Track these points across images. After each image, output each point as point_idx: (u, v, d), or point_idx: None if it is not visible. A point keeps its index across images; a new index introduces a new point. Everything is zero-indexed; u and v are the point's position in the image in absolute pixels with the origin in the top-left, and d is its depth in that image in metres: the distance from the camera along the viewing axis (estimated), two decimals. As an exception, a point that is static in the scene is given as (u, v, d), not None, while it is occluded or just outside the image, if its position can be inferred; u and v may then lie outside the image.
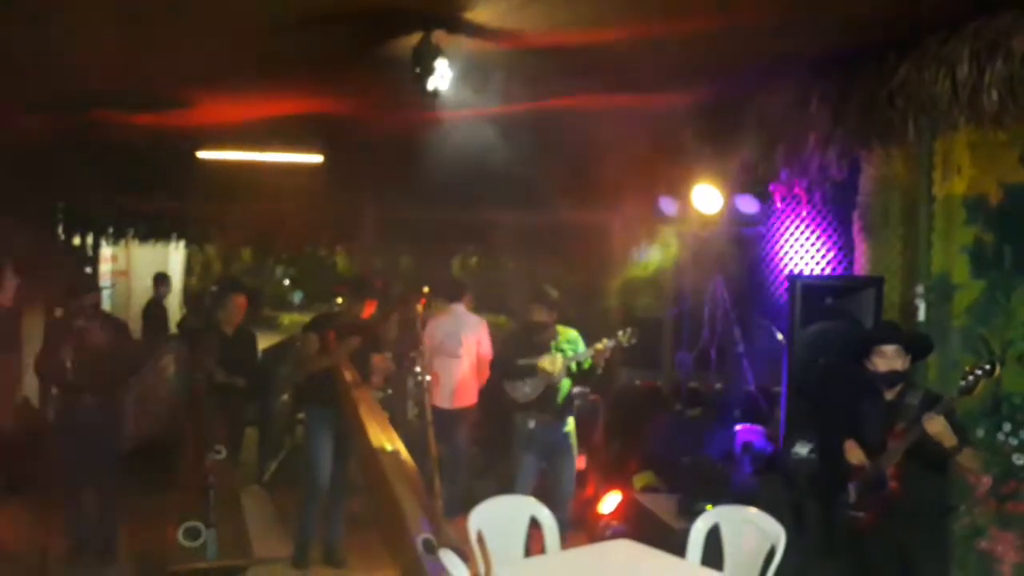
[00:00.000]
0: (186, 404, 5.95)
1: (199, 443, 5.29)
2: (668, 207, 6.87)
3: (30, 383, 7.61)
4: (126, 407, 6.34)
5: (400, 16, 4.20)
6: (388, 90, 5.28)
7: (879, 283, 5.13)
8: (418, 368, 6.94)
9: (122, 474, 5.99)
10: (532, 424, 5.69)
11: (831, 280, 5.41)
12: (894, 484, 3.90)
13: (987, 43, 4.04)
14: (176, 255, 13.21)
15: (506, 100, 5.07)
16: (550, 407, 5.69)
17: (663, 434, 7.11)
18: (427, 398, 5.55)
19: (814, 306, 5.20)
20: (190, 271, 16.23)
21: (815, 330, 5.17)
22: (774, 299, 6.62)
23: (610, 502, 6.33)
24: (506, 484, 5.67)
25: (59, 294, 6.57)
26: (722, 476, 5.92)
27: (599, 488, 6.72)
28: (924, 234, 4.85)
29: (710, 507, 4.69)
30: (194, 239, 10.17)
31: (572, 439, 5.83)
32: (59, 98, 6.00)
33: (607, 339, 5.53)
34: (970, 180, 4.68)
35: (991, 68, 4.03)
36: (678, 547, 4.19)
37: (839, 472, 4.11)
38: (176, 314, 11.89)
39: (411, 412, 8.27)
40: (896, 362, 4.00)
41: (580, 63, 4.96)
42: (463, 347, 6.90)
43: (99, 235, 9.14)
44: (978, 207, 4.67)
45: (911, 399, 3.95)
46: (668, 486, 6.48)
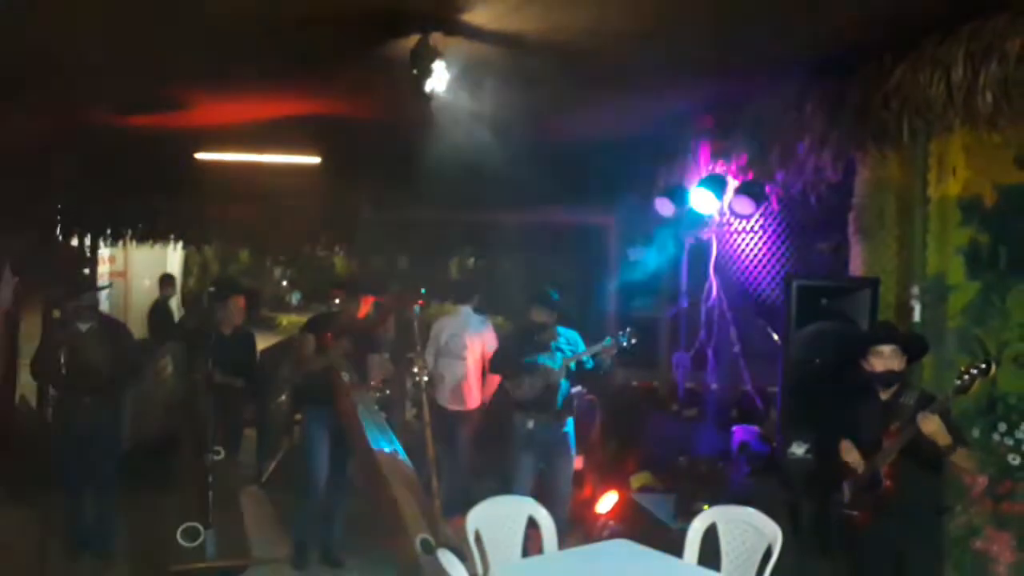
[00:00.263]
0: (184, 405, 5.96)
1: (197, 444, 5.30)
2: (665, 208, 6.88)
3: (28, 384, 7.62)
4: (124, 408, 6.34)
5: (398, 18, 4.22)
6: (386, 92, 5.31)
7: (874, 284, 5.14)
8: (416, 368, 6.94)
9: (121, 475, 6.00)
10: (531, 424, 5.70)
11: (826, 281, 5.41)
12: (888, 483, 3.92)
13: (982, 46, 4.06)
14: (174, 256, 13.20)
15: (503, 101, 5.09)
16: (549, 407, 5.70)
17: (660, 434, 7.13)
18: (425, 398, 5.57)
19: (809, 307, 5.21)
20: (188, 272, 16.20)
21: (811, 331, 5.18)
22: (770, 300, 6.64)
23: (607, 502, 6.34)
24: (505, 484, 5.69)
25: (57, 295, 6.58)
26: (719, 476, 5.94)
27: (596, 488, 6.73)
28: (919, 235, 4.86)
29: (707, 507, 4.70)
30: (192, 240, 10.14)
31: (571, 439, 5.84)
32: (58, 99, 6.02)
33: (609, 339, 5.55)
34: (965, 182, 4.69)
35: (985, 70, 4.05)
36: (675, 547, 4.19)
37: (834, 472, 4.13)
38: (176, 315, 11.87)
39: (409, 413, 8.28)
40: (893, 362, 4.02)
41: (577, 65, 4.98)
42: (467, 349, 6.92)
43: (97, 236, 9.11)
44: (973, 208, 4.68)
45: (907, 399, 3.96)
46: (665, 486, 6.50)
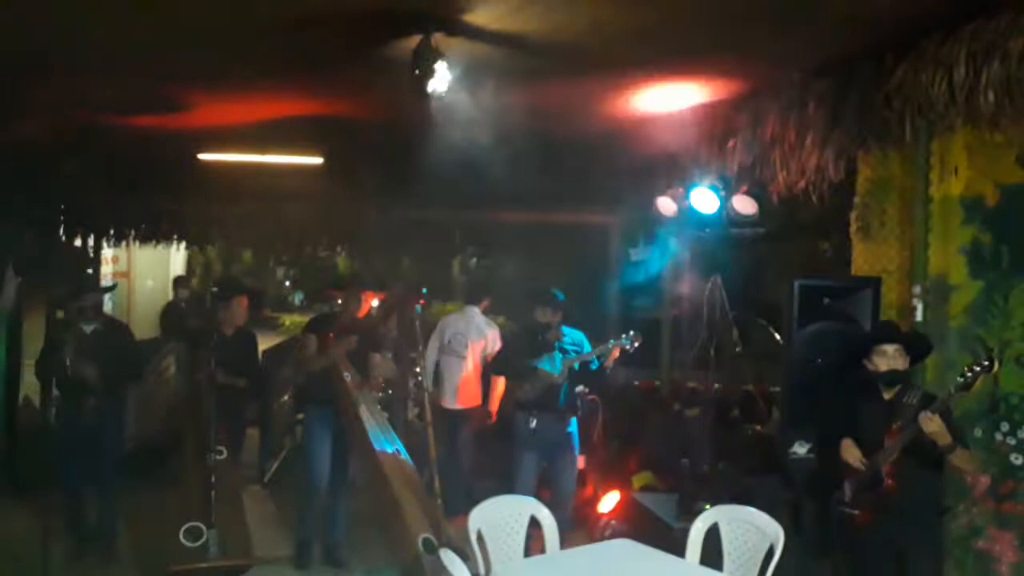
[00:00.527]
0: (187, 405, 5.96)
1: (200, 444, 5.30)
2: (667, 208, 6.89)
3: (31, 384, 7.63)
4: (127, 408, 6.35)
5: (399, 18, 4.22)
6: (388, 92, 5.31)
7: (876, 284, 5.14)
8: (418, 368, 6.96)
9: (123, 474, 6.01)
10: (534, 423, 5.72)
11: (828, 281, 5.41)
12: (890, 482, 3.91)
13: (984, 45, 4.04)
14: (177, 256, 13.22)
15: (505, 101, 5.09)
16: (552, 406, 5.71)
17: (662, 434, 7.13)
18: (427, 398, 5.58)
19: (812, 307, 5.21)
20: (191, 272, 16.21)
21: (813, 330, 5.18)
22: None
23: (609, 502, 6.34)
24: (508, 483, 5.69)
25: (60, 296, 6.59)
26: (721, 476, 5.93)
27: (598, 488, 6.74)
28: (921, 235, 4.85)
29: (709, 506, 4.71)
30: (195, 240, 10.17)
31: (575, 439, 5.84)
32: (61, 101, 6.03)
33: (614, 340, 5.56)
34: (967, 181, 4.68)
35: (988, 70, 4.03)
36: (677, 547, 4.20)
37: (836, 471, 4.12)
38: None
39: (411, 412, 8.29)
40: (896, 362, 4.01)
41: (578, 64, 4.98)
42: (469, 348, 6.95)
43: (100, 236, 9.14)
44: (975, 208, 4.68)
45: (910, 399, 3.95)
46: (667, 486, 6.50)
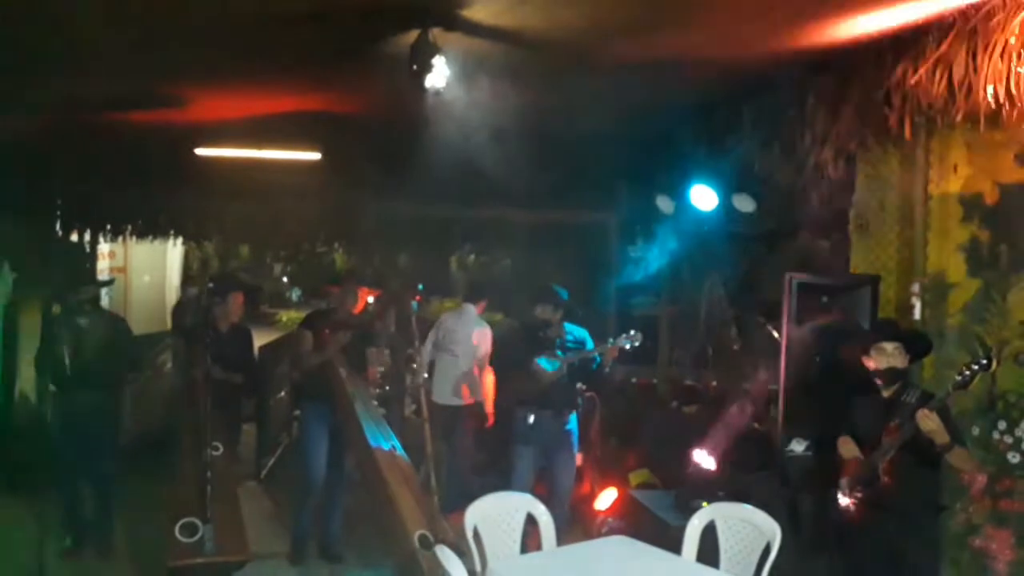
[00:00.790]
0: (183, 401, 5.94)
1: (196, 439, 5.29)
2: (666, 205, 6.88)
3: (28, 378, 7.62)
4: (124, 403, 6.34)
5: (397, 13, 4.21)
6: (386, 87, 5.29)
7: (875, 282, 5.14)
8: (415, 364, 6.95)
9: (120, 469, 6.00)
10: (531, 419, 5.71)
11: (827, 278, 5.41)
12: (886, 480, 3.91)
13: (984, 42, 4.04)
14: (174, 252, 13.18)
15: (503, 97, 5.07)
16: (551, 403, 5.70)
17: (659, 431, 7.12)
18: (423, 394, 5.57)
19: (810, 304, 5.21)
20: (188, 268, 16.18)
21: (811, 328, 5.18)
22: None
23: (606, 499, 6.34)
24: (505, 480, 5.69)
25: (57, 290, 6.57)
26: (718, 473, 5.92)
27: (595, 485, 6.74)
28: (920, 233, 4.85)
29: (706, 504, 4.70)
30: (192, 236, 10.12)
31: (574, 436, 5.84)
32: (58, 96, 6.01)
33: (613, 339, 5.55)
34: (966, 179, 4.69)
35: (988, 67, 4.03)
36: (674, 544, 4.20)
37: (833, 468, 4.12)
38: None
39: (408, 409, 8.29)
40: (895, 360, 4.00)
41: (577, 60, 4.97)
42: (459, 345, 6.97)
43: (97, 231, 9.10)
44: (974, 206, 4.68)
45: (908, 397, 3.95)
46: (664, 483, 6.50)
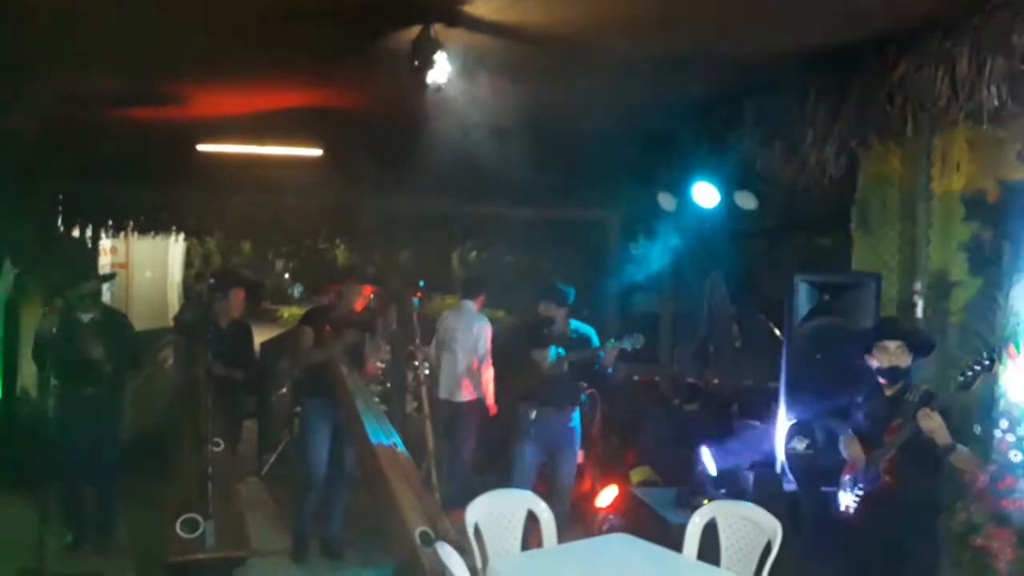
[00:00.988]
0: (184, 397, 5.95)
1: (197, 435, 5.29)
2: (667, 202, 6.87)
3: (29, 374, 7.62)
4: (125, 398, 6.34)
5: (399, 9, 4.20)
6: (388, 83, 5.28)
7: (877, 280, 5.13)
8: (416, 361, 6.95)
9: (121, 466, 6.00)
10: (533, 415, 5.71)
11: (829, 276, 5.40)
12: (887, 479, 3.90)
13: (987, 40, 4.03)
14: (176, 248, 13.19)
15: (505, 94, 5.07)
16: (552, 399, 5.70)
17: (660, 429, 7.12)
18: (425, 391, 5.57)
19: (812, 302, 5.20)
20: (190, 264, 16.19)
21: (813, 326, 5.17)
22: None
23: (607, 496, 6.34)
24: (507, 477, 5.69)
25: (58, 285, 6.57)
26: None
27: (596, 482, 6.73)
28: (922, 231, 4.84)
29: (707, 501, 4.70)
30: (193, 232, 10.13)
31: (576, 434, 5.84)
32: (60, 92, 6.00)
33: (614, 341, 5.55)
34: (968, 177, 4.68)
35: (990, 65, 4.02)
36: (675, 541, 4.19)
37: (835, 466, 4.11)
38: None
39: (410, 406, 8.29)
40: (898, 358, 3.99)
41: (578, 57, 4.96)
42: (459, 342, 6.96)
43: (98, 227, 9.11)
44: (976, 204, 4.67)
45: (911, 396, 3.94)
46: (665, 480, 6.50)
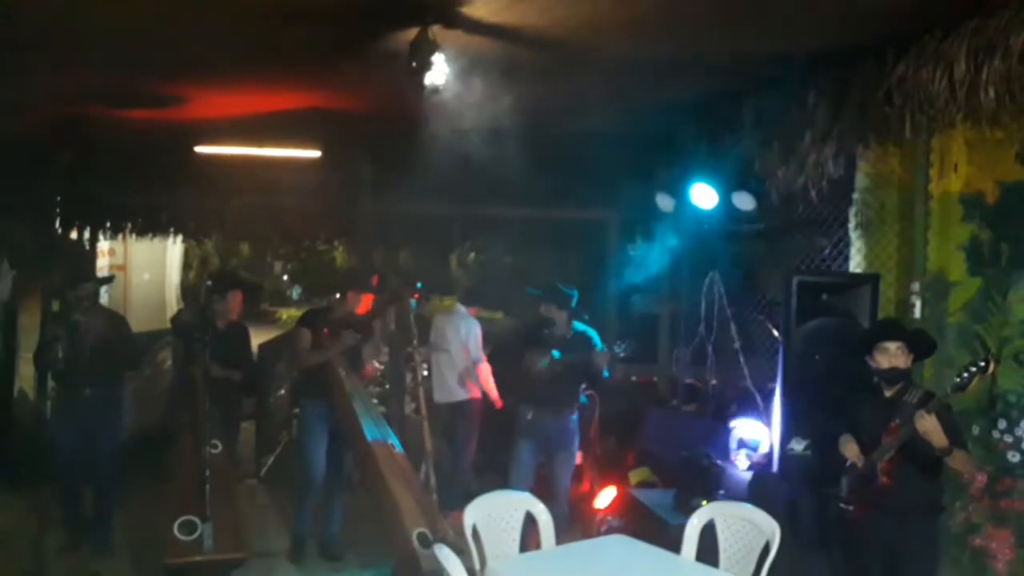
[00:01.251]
0: (182, 398, 5.93)
1: (195, 437, 5.28)
2: (665, 203, 6.87)
3: (27, 376, 7.62)
4: (124, 400, 6.33)
5: (396, 10, 4.20)
6: (386, 85, 5.28)
7: (875, 280, 5.13)
8: (414, 363, 6.96)
9: (119, 467, 5.99)
10: (530, 415, 5.72)
11: (827, 277, 5.40)
12: (885, 479, 3.90)
13: (985, 41, 4.03)
14: (174, 249, 13.18)
15: (503, 95, 5.07)
16: (550, 401, 5.70)
17: (659, 430, 7.12)
18: (422, 393, 5.57)
19: (810, 303, 5.20)
20: (188, 266, 16.19)
21: (811, 326, 5.17)
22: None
23: (606, 497, 6.33)
24: (505, 478, 5.69)
25: (56, 287, 6.57)
26: (718, 472, 5.92)
27: (595, 483, 6.73)
28: (920, 231, 4.85)
29: (705, 503, 4.70)
30: (192, 234, 10.11)
31: (575, 435, 5.84)
32: (57, 93, 6.00)
33: (605, 347, 5.59)
34: (967, 178, 4.69)
35: (988, 66, 4.02)
36: (673, 543, 4.19)
37: (833, 467, 4.11)
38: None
39: (409, 407, 8.28)
40: (898, 359, 3.97)
41: (577, 58, 4.96)
42: (449, 342, 7.05)
43: (96, 229, 9.09)
44: (974, 205, 4.68)
45: (910, 397, 3.93)
46: (664, 482, 6.49)
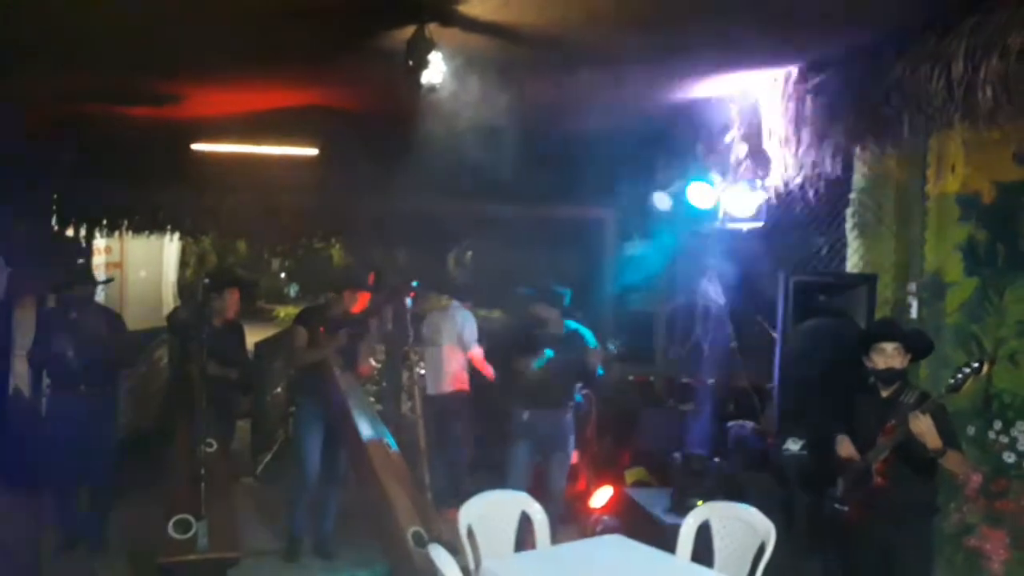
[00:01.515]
0: (178, 397, 5.93)
1: (190, 435, 5.28)
2: (662, 202, 6.86)
3: (22, 374, 7.59)
4: (119, 398, 6.32)
5: (393, 8, 4.18)
6: (383, 83, 5.27)
7: (872, 280, 5.13)
8: (409, 361, 6.98)
9: (114, 466, 5.98)
10: (526, 415, 5.71)
11: (824, 277, 5.40)
12: (880, 480, 3.90)
13: (983, 41, 4.02)
14: (171, 247, 13.16)
15: (500, 93, 5.05)
16: (545, 400, 5.69)
17: (655, 429, 7.12)
18: (417, 390, 5.57)
19: (806, 303, 5.20)
20: (185, 263, 16.15)
21: (808, 326, 5.16)
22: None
23: (601, 496, 6.33)
24: (501, 477, 5.68)
25: (52, 285, 6.55)
26: (714, 472, 5.91)
27: (591, 482, 6.73)
28: (917, 232, 4.85)
29: (701, 503, 4.69)
30: (189, 231, 10.09)
31: (570, 435, 5.83)
32: (55, 90, 5.98)
33: (598, 344, 5.61)
34: (964, 178, 4.69)
35: (986, 66, 4.01)
36: (669, 542, 4.18)
37: (829, 468, 4.11)
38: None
39: (405, 405, 8.28)
40: (894, 360, 3.98)
41: (574, 57, 4.95)
42: (444, 335, 7.12)
43: (93, 226, 9.07)
44: (971, 205, 4.68)
45: (907, 398, 3.93)
46: (659, 481, 6.49)
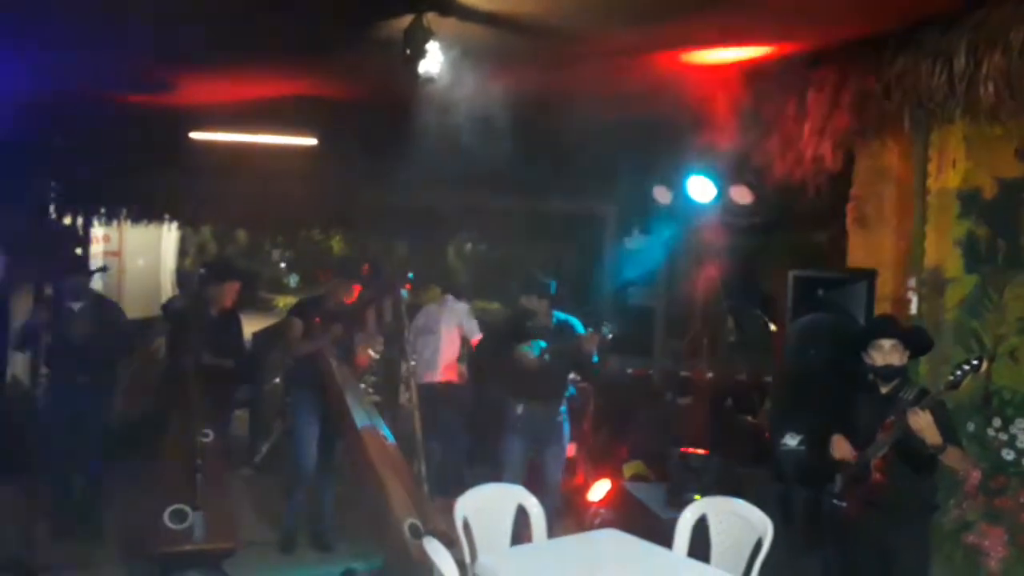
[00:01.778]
0: (174, 386, 5.91)
1: (186, 425, 5.27)
2: (663, 196, 6.84)
3: (19, 362, 7.59)
4: (116, 387, 6.31)
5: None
6: (382, 73, 5.24)
7: (871, 276, 5.11)
8: (405, 352, 7.00)
9: (110, 455, 5.97)
10: (520, 409, 5.68)
11: (823, 272, 5.38)
12: (878, 476, 3.89)
13: (985, 36, 4.01)
14: (169, 236, 13.14)
15: (499, 84, 5.03)
16: (539, 392, 5.67)
17: (653, 423, 7.11)
18: (415, 382, 5.56)
19: (806, 298, 5.18)
20: (184, 252, 16.15)
21: (806, 321, 5.15)
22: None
23: (599, 490, 6.33)
24: (497, 471, 5.67)
25: (49, 274, 6.54)
26: (711, 466, 5.91)
27: (588, 476, 6.73)
28: (917, 227, 4.83)
29: (698, 497, 4.68)
30: (187, 220, 10.09)
31: (565, 427, 5.82)
32: (55, 79, 5.96)
33: (591, 328, 5.53)
34: (965, 173, 4.66)
35: (988, 61, 4.00)
36: (665, 537, 4.17)
37: (827, 463, 4.10)
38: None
39: (403, 396, 8.29)
40: (893, 356, 3.96)
41: (574, 47, 4.92)
42: (440, 324, 7.23)
43: (91, 215, 9.05)
44: (972, 201, 4.66)
45: (906, 394, 3.92)
46: (657, 475, 6.49)
